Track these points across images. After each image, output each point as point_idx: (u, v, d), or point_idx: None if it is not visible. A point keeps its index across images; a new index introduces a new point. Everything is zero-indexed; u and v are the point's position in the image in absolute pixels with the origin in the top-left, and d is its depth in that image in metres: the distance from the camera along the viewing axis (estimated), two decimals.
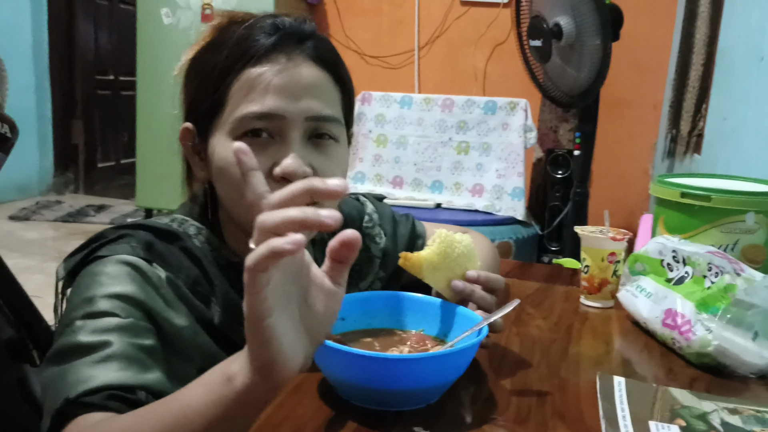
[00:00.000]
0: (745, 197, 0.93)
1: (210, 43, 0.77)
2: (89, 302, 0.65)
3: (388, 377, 0.63)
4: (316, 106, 0.73)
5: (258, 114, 0.71)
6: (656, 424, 0.64)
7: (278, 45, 0.73)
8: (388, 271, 0.94)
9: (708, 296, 0.80)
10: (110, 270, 0.68)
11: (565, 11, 2.21)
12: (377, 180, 2.97)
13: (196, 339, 0.71)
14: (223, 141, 0.72)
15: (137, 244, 0.71)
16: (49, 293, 1.36)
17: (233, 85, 0.72)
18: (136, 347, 0.64)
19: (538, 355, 0.83)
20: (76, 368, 0.61)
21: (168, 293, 0.70)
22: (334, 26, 3.54)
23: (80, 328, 0.63)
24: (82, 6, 4.65)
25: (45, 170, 4.59)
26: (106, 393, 0.60)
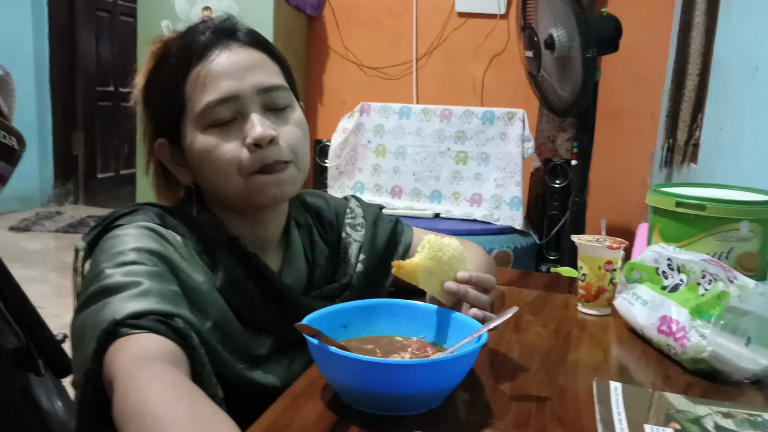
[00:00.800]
0: (740, 206, 0.95)
1: (156, 65, 0.85)
2: (118, 255, 0.71)
3: (389, 382, 0.65)
4: (262, 79, 0.81)
5: (216, 100, 0.78)
6: (651, 427, 0.66)
7: (213, 40, 0.81)
8: (369, 260, 0.97)
9: (702, 303, 0.82)
10: (132, 231, 0.74)
11: (558, 23, 2.24)
12: (376, 190, 2.99)
13: (212, 294, 0.77)
14: (195, 136, 0.80)
15: (152, 214, 0.79)
16: (52, 303, 1.37)
17: (186, 86, 0.80)
18: (166, 289, 0.70)
19: (537, 361, 0.84)
20: (116, 301, 0.66)
21: (185, 252, 0.77)
22: (333, 38, 3.57)
23: (113, 274, 0.69)
24: (83, 18, 4.69)
25: (45, 181, 4.61)
26: (152, 317, 0.65)
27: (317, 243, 0.95)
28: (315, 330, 0.67)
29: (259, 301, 0.83)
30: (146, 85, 0.86)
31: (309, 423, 0.66)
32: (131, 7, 4.69)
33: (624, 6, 3.07)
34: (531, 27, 2.39)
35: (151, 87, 0.85)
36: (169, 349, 0.64)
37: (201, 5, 3.28)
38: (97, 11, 4.83)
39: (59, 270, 3.27)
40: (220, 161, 0.79)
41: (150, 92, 0.85)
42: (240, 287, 0.81)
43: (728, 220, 0.94)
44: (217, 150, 0.78)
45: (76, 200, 4.82)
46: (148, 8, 3.38)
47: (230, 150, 0.78)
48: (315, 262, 0.93)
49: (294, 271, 0.90)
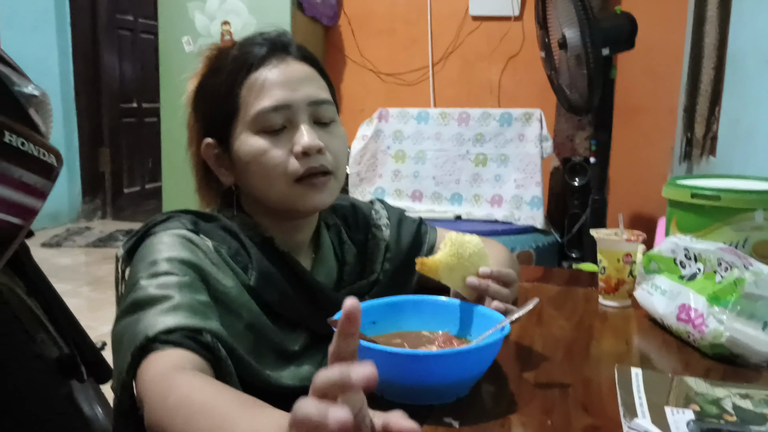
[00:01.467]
0: (754, 196, 0.97)
1: (210, 70, 0.90)
2: (152, 264, 0.76)
3: (419, 373, 0.68)
4: (313, 92, 0.87)
5: (270, 107, 0.83)
6: (672, 409, 0.68)
7: (270, 52, 0.86)
8: (395, 257, 1.01)
9: (719, 290, 0.85)
10: (166, 240, 0.79)
11: (570, 24, 2.26)
12: (397, 195, 3.03)
13: (242, 297, 0.81)
14: (245, 138, 0.85)
15: (185, 221, 0.83)
16: (85, 316, 1.42)
17: (242, 91, 0.85)
18: (196, 301, 0.74)
19: (560, 352, 0.87)
20: (148, 315, 0.71)
21: (215, 258, 0.81)
22: (350, 47, 3.62)
23: (146, 285, 0.74)
24: (105, 38, 4.80)
25: (74, 198, 4.72)
26: (180, 333, 0.70)
27: (346, 242, 0.99)
28: None
29: (293, 297, 0.86)
30: (199, 87, 0.91)
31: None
32: (152, 25, 4.81)
33: (638, 2, 3.08)
34: (544, 27, 2.42)
35: (204, 89, 0.90)
36: (197, 362, 0.69)
37: (220, 20, 3.36)
38: (118, 30, 4.94)
39: (91, 284, 3.35)
40: (268, 165, 0.83)
41: (203, 94, 0.90)
42: (274, 284, 0.85)
43: (743, 210, 0.96)
44: (266, 154, 0.83)
45: (104, 215, 4.93)
46: (169, 26, 3.47)
47: (278, 156, 0.83)
48: (344, 260, 0.97)
49: (325, 268, 0.94)
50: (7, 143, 1.03)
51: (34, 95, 1.12)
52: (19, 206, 1.05)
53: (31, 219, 1.09)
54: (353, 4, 3.60)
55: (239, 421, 0.55)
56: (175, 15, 3.43)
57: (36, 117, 1.12)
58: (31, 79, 1.15)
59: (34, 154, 1.08)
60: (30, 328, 1.24)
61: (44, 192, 1.13)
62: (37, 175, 1.09)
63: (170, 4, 3.45)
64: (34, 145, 1.08)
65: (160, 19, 3.50)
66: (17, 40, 4.00)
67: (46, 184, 1.13)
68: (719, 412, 0.68)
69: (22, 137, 1.06)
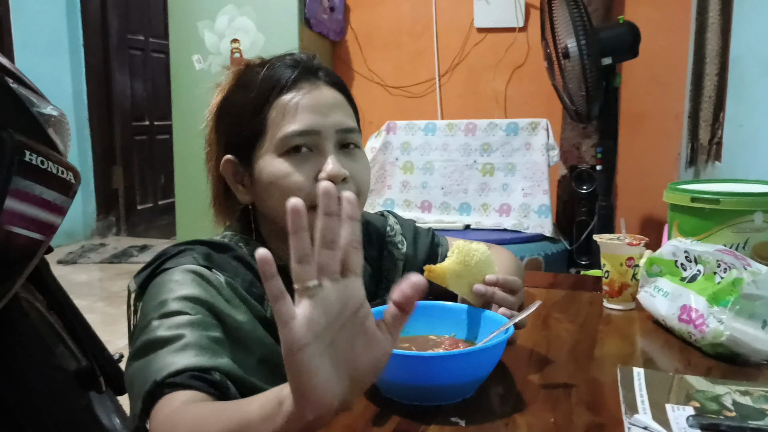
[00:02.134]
0: (753, 198, 0.99)
1: (237, 85, 0.89)
2: (162, 305, 0.76)
3: (427, 374, 0.71)
4: (342, 120, 0.86)
5: (298, 132, 0.83)
6: (673, 407, 0.70)
7: (301, 75, 0.86)
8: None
9: (718, 291, 0.87)
10: (177, 277, 0.78)
11: (570, 34, 2.29)
12: (406, 205, 3.06)
13: (256, 332, 0.81)
14: (269, 160, 0.84)
15: (198, 255, 0.82)
16: (101, 331, 1.46)
17: (270, 113, 0.84)
18: (207, 338, 0.74)
19: (564, 354, 0.90)
20: (158, 357, 0.71)
21: (228, 293, 0.80)
22: (357, 61, 3.67)
23: (157, 327, 0.74)
24: (117, 58, 4.89)
25: (89, 215, 4.79)
26: (188, 374, 0.69)
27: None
28: None
29: None
30: (225, 102, 0.90)
31: (354, 416, 0.72)
32: (163, 44, 4.89)
33: (641, 10, 3.10)
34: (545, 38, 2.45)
35: (230, 105, 0.89)
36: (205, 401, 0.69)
37: (229, 38, 3.42)
38: (130, 50, 5.03)
39: (106, 299, 3.40)
40: (290, 188, 0.82)
41: (228, 111, 0.89)
42: None
43: (742, 212, 0.98)
44: (289, 177, 0.83)
45: (119, 232, 4.99)
46: (179, 44, 3.53)
47: (301, 180, 0.83)
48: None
49: None
50: (27, 162, 1.07)
51: (52, 115, 1.16)
52: (40, 222, 1.10)
53: (50, 234, 1.13)
54: (359, 18, 3.65)
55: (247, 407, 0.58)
56: (185, 34, 3.50)
57: (54, 136, 1.17)
58: (49, 100, 1.20)
59: (53, 172, 1.12)
60: (49, 341, 1.28)
61: (63, 208, 1.17)
62: (57, 192, 1.13)
63: (180, 24, 3.51)
64: (53, 164, 1.12)
65: (170, 38, 3.57)
66: (32, 62, 4.08)
67: (64, 200, 1.17)
68: (719, 409, 0.70)
69: (41, 156, 1.10)
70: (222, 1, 3.40)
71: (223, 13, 3.41)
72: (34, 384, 1.21)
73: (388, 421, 0.71)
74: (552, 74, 2.45)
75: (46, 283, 1.30)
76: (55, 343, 1.29)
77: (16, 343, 1.20)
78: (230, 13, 3.40)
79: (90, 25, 4.69)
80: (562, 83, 2.52)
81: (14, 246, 1.06)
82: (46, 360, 1.25)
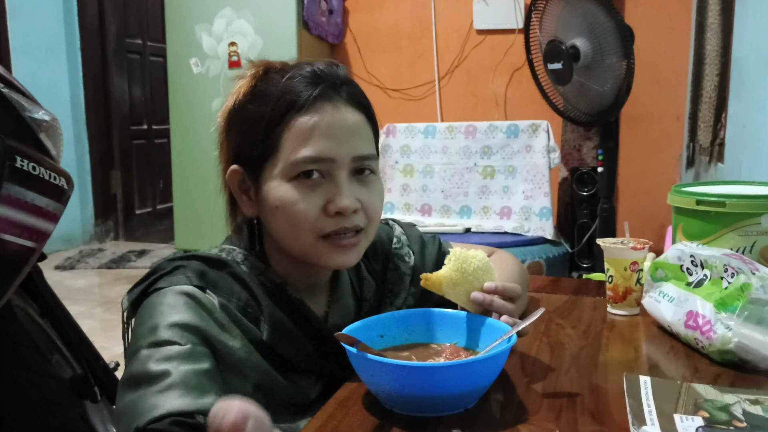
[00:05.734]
0: (759, 201, 0.97)
1: (252, 93, 0.83)
2: (153, 331, 0.74)
3: (427, 384, 0.69)
4: (359, 146, 0.82)
5: (311, 158, 0.79)
6: (680, 416, 0.68)
7: (322, 93, 0.80)
8: (419, 287, 0.99)
9: (726, 296, 0.85)
10: (169, 300, 0.76)
11: (580, 34, 2.27)
12: (406, 209, 3.04)
13: (250, 358, 0.78)
14: (279, 183, 0.80)
15: (191, 274, 0.79)
16: (99, 337, 1.44)
17: (284, 133, 0.79)
18: (195, 373, 0.71)
19: (567, 361, 0.88)
20: (143, 398, 0.70)
21: (222, 317, 0.78)
22: (356, 64, 3.65)
23: (147, 357, 0.72)
24: (114, 62, 4.87)
25: (86, 220, 4.76)
26: (169, 419, 0.67)
27: (365, 278, 0.96)
28: (354, 339, 0.71)
29: (307, 347, 0.84)
30: (239, 109, 0.84)
31: (353, 428, 0.70)
32: (160, 47, 4.87)
33: (641, 10, 3.09)
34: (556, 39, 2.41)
35: (242, 114, 0.83)
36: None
37: (227, 41, 3.40)
38: (127, 54, 5.01)
39: (104, 305, 3.38)
40: (297, 216, 0.79)
41: (241, 119, 0.83)
42: (288, 335, 0.82)
43: (749, 215, 0.96)
44: (297, 205, 0.79)
45: (117, 237, 4.97)
46: (177, 48, 3.52)
47: (310, 209, 0.79)
48: (363, 297, 0.95)
49: (342, 308, 0.91)
50: (18, 167, 1.05)
51: (44, 120, 1.14)
52: (32, 229, 1.07)
53: (43, 242, 1.11)
54: (358, 21, 3.64)
55: None
56: (182, 37, 3.49)
57: (47, 141, 1.15)
58: (41, 105, 1.18)
59: (45, 178, 1.10)
60: (44, 349, 1.26)
61: (56, 215, 1.15)
62: (49, 198, 1.11)
63: (178, 27, 3.50)
64: (45, 169, 1.10)
65: (168, 42, 3.55)
66: (29, 68, 4.07)
67: (57, 207, 1.15)
68: (729, 419, 0.68)
69: (33, 161, 1.08)
70: (219, 5, 3.38)
71: (221, 16, 3.40)
72: (28, 393, 1.19)
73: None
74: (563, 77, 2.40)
75: (39, 291, 1.27)
76: (49, 352, 1.27)
77: (10, 352, 1.18)
78: (228, 17, 3.39)
79: (87, 30, 4.67)
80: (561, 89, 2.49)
81: (6, 253, 1.04)
82: (40, 369, 1.23)
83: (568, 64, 2.36)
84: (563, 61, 2.38)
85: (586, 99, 2.43)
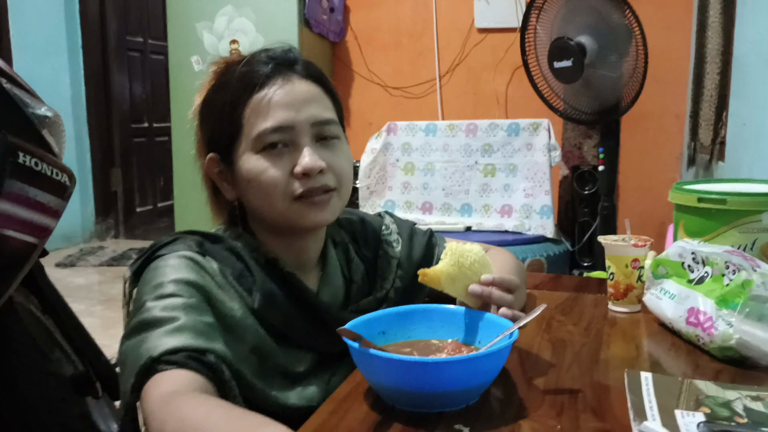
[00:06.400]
0: (760, 198, 0.97)
1: (216, 85, 0.90)
2: (158, 287, 0.77)
3: (428, 380, 0.69)
4: (316, 112, 0.87)
5: (272, 128, 0.83)
6: (682, 412, 0.68)
7: (274, 71, 0.86)
8: (406, 274, 1.01)
9: (727, 293, 0.85)
10: (172, 262, 0.80)
11: (584, 31, 2.26)
12: (407, 207, 3.04)
13: (246, 320, 0.82)
14: (248, 157, 0.85)
15: (192, 243, 0.83)
16: (99, 334, 1.44)
17: (245, 111, 0.85)
18: (201, 323, 0.75)
19: (569, 358, 0.88)
20: (153, 336, 0.72)
21: (221, 280, 0.82)
22: (357, 62, 3.65)
23: (152, 307, 0.74)
24: (115, 60, 4.87)
25: (87, 218, 4.77)
26: (185, 353, 0.70)
27: (353, 260, 0.99)
28: (356, 334, 0.72)
29: (298, 319, 0.86)
30: (205, 103, 0.91)
31: (355, 424, 0.70)
32: (161, 45, 4.87)
33: (642, 7, 3.08)
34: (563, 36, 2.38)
35: (209, 106, 0.90)
36: (200, 383, 0.69)
37: (228, 39, 3.40)
38: (128, 52, 5.01)
39: (105, 303, 3.38)
40: (267, 184, 0.84)
41: (208, 111, 0.90)
42: (278, 306, 0.85)
43: (750, 212, 0.96)
44: (265, 173, 0.84)
45: (117, 235, 4.97)
46: (178, 45, 3.51)
47: (278, 175, 0.83)
48: (352, 278, 0.97)
49: (331, 287, 0.94)
50: (20, 164, 1.05)
51: (47, 116, 1.14)
52: (34, 225, 1.08)
53: (45, 237, 1.11)
54: (359, 19, 3.64)
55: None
56: (183, 35, 3.48)
57: (49, 138, 1.15)
58: (44, 101, 1.18)
59: (48, 174, 1.10)
60: (44, 346, 1.26)
61: (58, 211, 1.15)
62: (51, 194, 1.11)
63: (179, 25, 3.50)
64: (47, 165, 1.10)
65: (169, 40, 3.55)
66: (30, 64, 4.07)
67: (59, 203, 1.15)
68: (730, 415, 0.68)
69: (35, 158, 1.08)
70: (221, 2, 3.38)
71: (222, 14, 3.39)
72: (29, 391, 1.19)
73: (390, 429, 0.69)
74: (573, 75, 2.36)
75: (40, 287, 1.28)
76: (50, 349, 1.27)
77: (11, 349, 1.18)
78: (229, 14, 3.38)
79: (88, 27, 4.67)
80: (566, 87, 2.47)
81: (8, 249, 1.05)
82: (40, 366, 1.23)
83: (578, 61, 2.33)
84: (573, 58, 2.35)
85: (591, 97, 2.42)
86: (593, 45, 2.26)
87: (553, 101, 2.55)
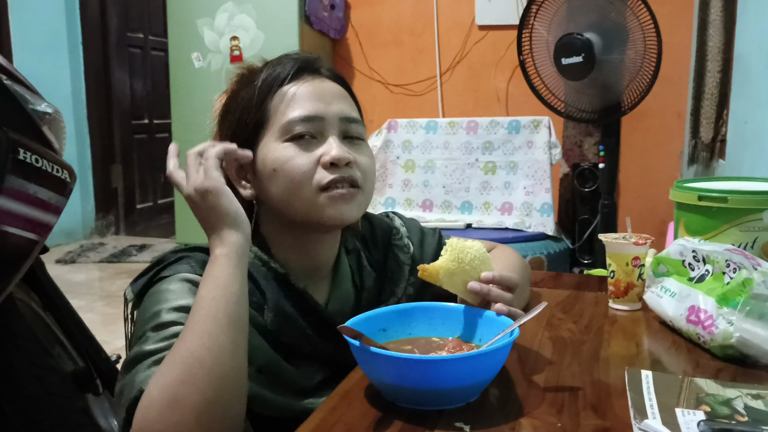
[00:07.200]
0: (761, 196, 0.97)
1: (240, 85, 0.90)
2: (156, 316, 0.75)
3: (429, 378, 0.69)
4: (346, 109, 0.87)
5: (302, 117, 0.83)
6: (682, 410, 0.68)
7: (302, 69, 0.88)
8: (416, 287, 1.00)
9: (728, 291, 0.85)
10: (173, 287, 0.78)
11: (590, 28, 2.25)
12: (407, 204, 3.04)
13: (254, 342, 0.79)
14: (273, 146, 0.84)
15: (195, 263, 0.81)
16: (100, 331, 1.44)
17: (271, 102, 0.85)
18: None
19: (569, 356, 0.88)
20: (144, 366, 0.71)
21: None
22: (358, 59, 3.65)
23: (149, 339, 0.73)
24: (116, 56, 4.87)
25: (87, 214, 4.76)
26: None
27: (365, 267, 0.97)
28: (357, 332, 0.72)
29: (310, 335, 0.85)
30: (229, 101, 0.90)
31: (355, 420, 0.70)
32: (162, 42, 4.87)
33: None
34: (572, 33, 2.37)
35: (233, 102, 0.89)
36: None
37: (229, 36, 3.40)
38: (129, 48, 5.00)
39: (105, 299, 3.38)
40: (294, 172, 0.82)
41: (232, 107, 0.89)
42: (291, 324, 0.84)
43: (750, 211, 0.96)
44: (293, 160, 0.82)
45: (118, 231, 4.97)
46: (178, 42, 3.51)
47: (306, 164, 0.82)
48: (363, 286, 0.95)
49: (341, 295, 0.92)
50: (21, 160, 1.05)
51: (47, 113, 1.14)
52: (34, 221, 1.08)
53: (45, 234, 1.11)
54: (360, 16, 3.63)
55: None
56: (184, 32, 3.48)
57: (49, 134, 1.15)
58: (44, 98, 1.18)
59: (48, 171, 1.10)
60: (45, 342, 1.26)
61: (58, 207, 1.15)
62: (51, 190, 1.11)
63: (180, 22, 3.50)
64: (47, 162, 1.10)
65: (170, 36, 3.55)
66: (30, 61, 4.06)
67: (59, 199, 1.15)
68: (730, 413, 0.68)
69: (36, 154, 1.08)
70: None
71: (223, 10, 3.39)
72: (29, 386, 1.19)
73: (390, 426, 0.69)
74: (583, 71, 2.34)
75: (41, 284, 1.28)
76: (50, 344, 1.27)
77: (12, 345, 1.19)
78: (230, 11, 3.38)
79: (89, 24, 4.66)
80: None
81: (8, 246, 1.05)
82: (41, 362, 1.23)
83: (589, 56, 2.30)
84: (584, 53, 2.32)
85: (593, 95, 2.41)
86: (599, 42, 2.25)
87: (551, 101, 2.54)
